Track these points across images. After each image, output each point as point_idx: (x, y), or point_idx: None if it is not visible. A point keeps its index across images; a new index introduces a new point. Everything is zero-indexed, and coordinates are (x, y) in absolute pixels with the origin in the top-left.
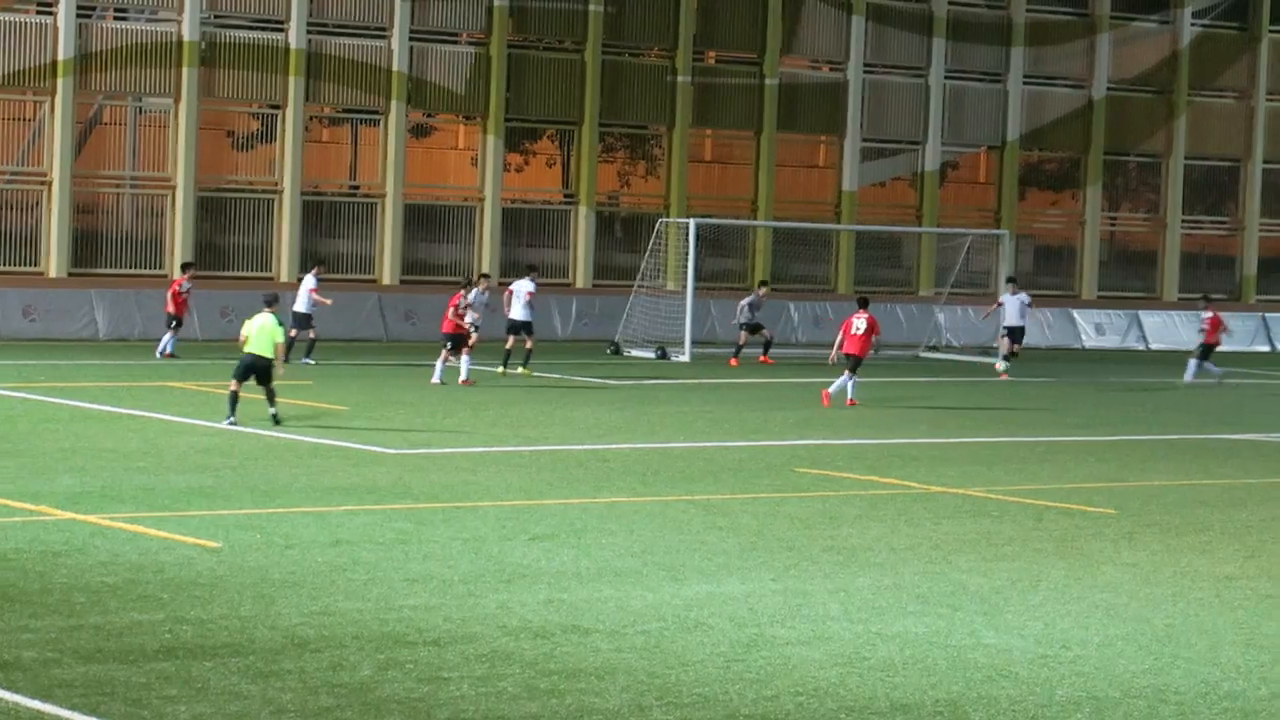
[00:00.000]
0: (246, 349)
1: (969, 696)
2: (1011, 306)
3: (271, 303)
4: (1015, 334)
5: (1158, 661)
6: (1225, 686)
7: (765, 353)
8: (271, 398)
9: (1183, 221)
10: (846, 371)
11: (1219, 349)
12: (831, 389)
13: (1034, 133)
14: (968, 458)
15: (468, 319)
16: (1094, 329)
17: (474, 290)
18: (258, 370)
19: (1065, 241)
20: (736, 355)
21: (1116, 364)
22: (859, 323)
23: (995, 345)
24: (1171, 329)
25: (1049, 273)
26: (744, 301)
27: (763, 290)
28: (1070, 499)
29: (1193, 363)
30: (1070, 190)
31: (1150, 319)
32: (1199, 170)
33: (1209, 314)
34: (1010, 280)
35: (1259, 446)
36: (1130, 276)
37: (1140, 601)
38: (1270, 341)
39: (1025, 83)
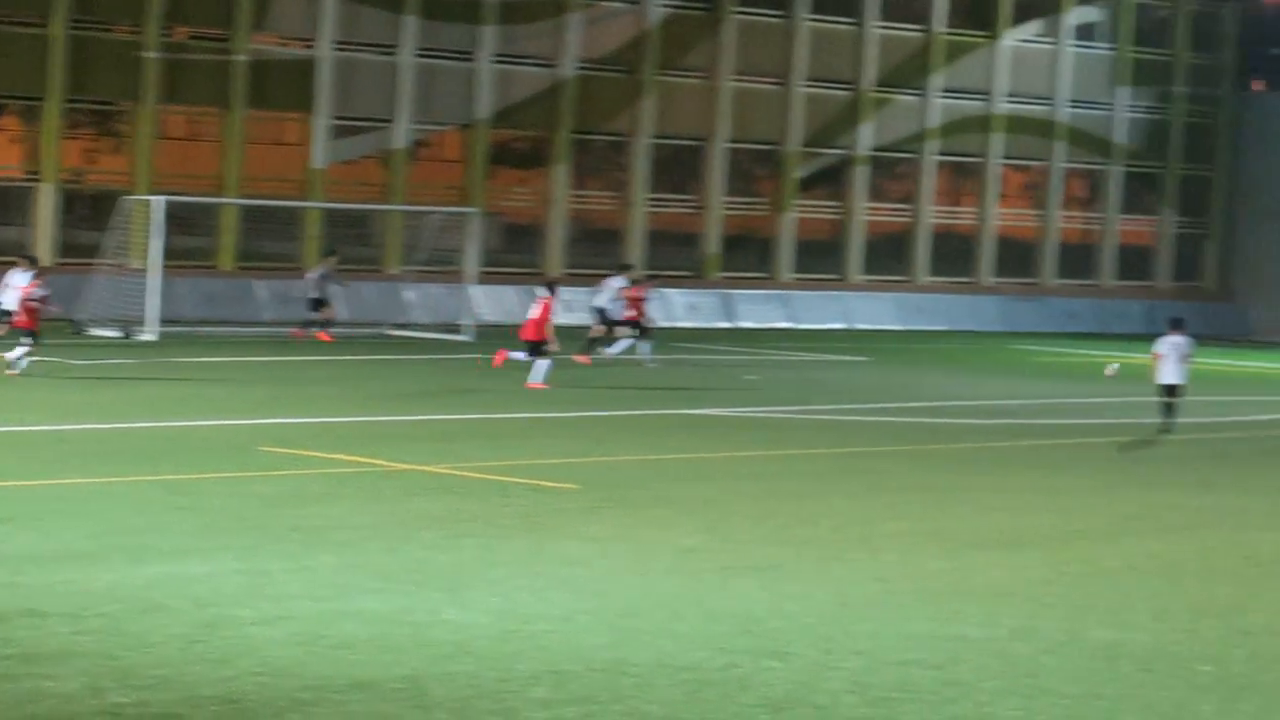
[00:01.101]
0: None
1: (430, 673)
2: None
3: None
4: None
5: (618, 635)
6: (684, 658)
7: (323, 329)
8: None
9: (648, 200)
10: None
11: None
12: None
13: (503, 111)
14: (434, 435)
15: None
16: (561, 305)
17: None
18: None
19: (534, 219)
20: (323, 329)
21: (579, 340)
22: (535, 308)
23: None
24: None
25: (517, 250)
26: (312, 275)
27: (331, 261)
28: (534, 475)
29: (626, 342)
30: (539, 168)
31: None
32: (665, 149)
33: (625, 286)
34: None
35: (720, 420)
36: (597, 254)
37: (601, 575)
38: (732, 317)
39: (495, 61)
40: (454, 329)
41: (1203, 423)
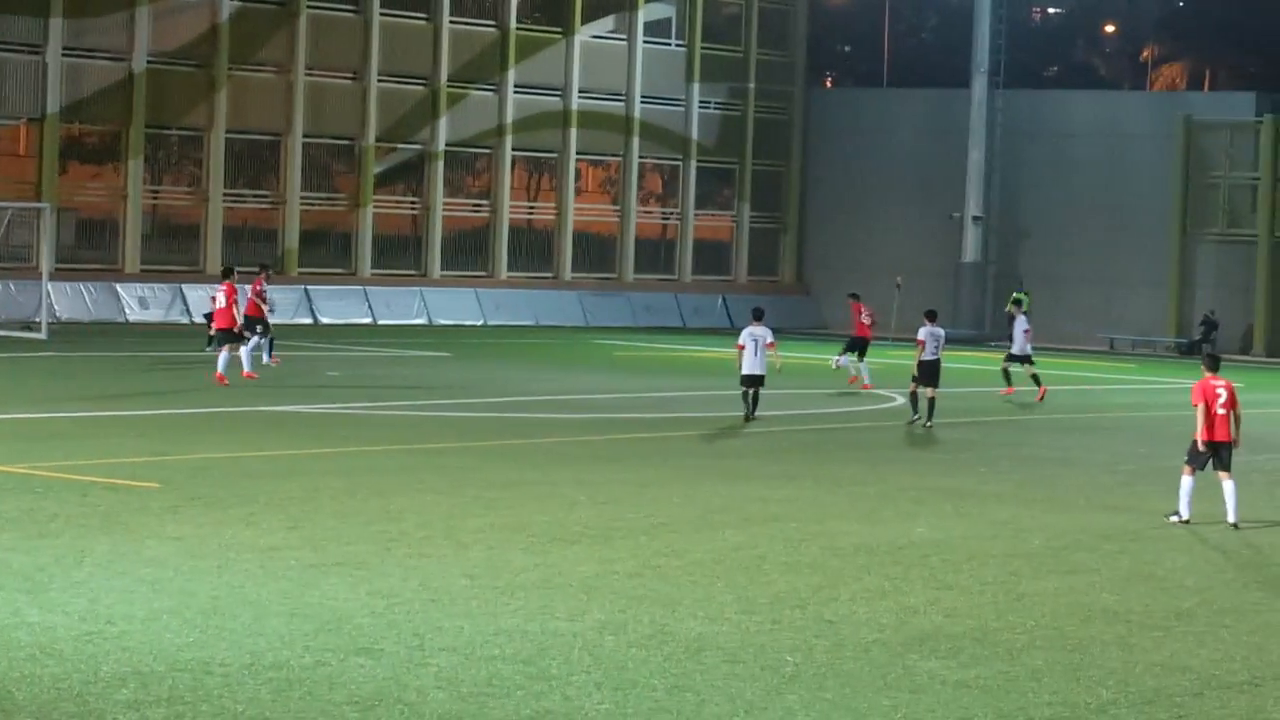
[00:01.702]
0: None
1: (12, 676)
2: None
3: None
4: None
5: (203, 634)
6: (270, 656)
7: None
8: None
9: (225, 195)
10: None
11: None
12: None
13: (75, 105)
14: (11, 434)
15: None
16: (138, 303)
17: None
18: None
19: (108, 215)
20: None
21: (159, 337)
22: (221, 297)
23: None
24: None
25: (92, 246)
26: None
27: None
28: (114, 474)
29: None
30: (113, 163)
31: (193, 292)
32: (240, 144)
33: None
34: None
35: (302, 417)
36: (174, 250)
37: (185, 575)
38: (313, 313)
39: (65, 54)
40: (29, 326)
41: (784, 415)
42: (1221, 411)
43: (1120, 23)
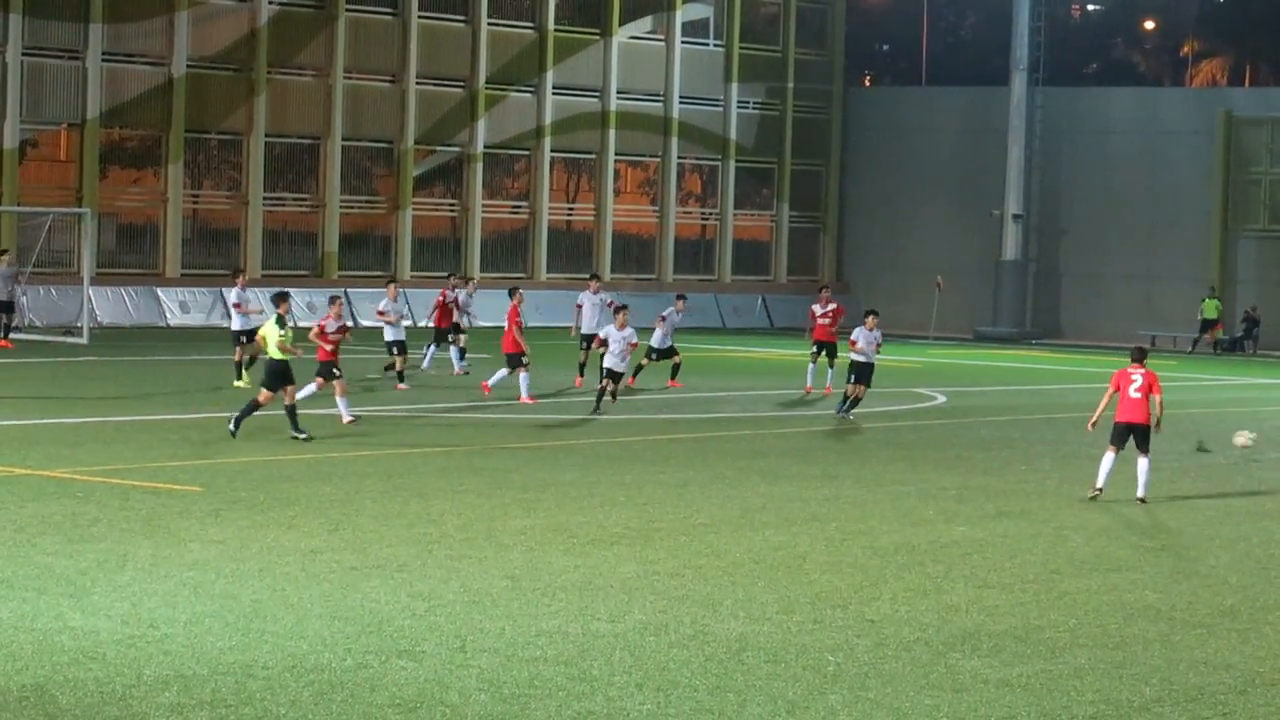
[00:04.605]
0: None
1: (56, 680)
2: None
3: None
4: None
5: (245, 637)
6: (312, 659)
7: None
8: None
9: (265, 198)
10: None
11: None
12: None
13: (114, 110)
14: (52, 439)
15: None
16: (179, 307)
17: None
18: None
19: (148, 219)
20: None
21: (201, 341)
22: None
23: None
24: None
25: (133, 250)
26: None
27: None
28: (156, 478)
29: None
30: (153, 168)
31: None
32: (280, 147)
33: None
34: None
35: (336, 419)
36: (214, 254)
37: (228, 578)
38: (353, 315)
39: (104, 59)
40: (70, 331)
41: (822, 414)
42: (1136, 395)
43: (1160, 18)
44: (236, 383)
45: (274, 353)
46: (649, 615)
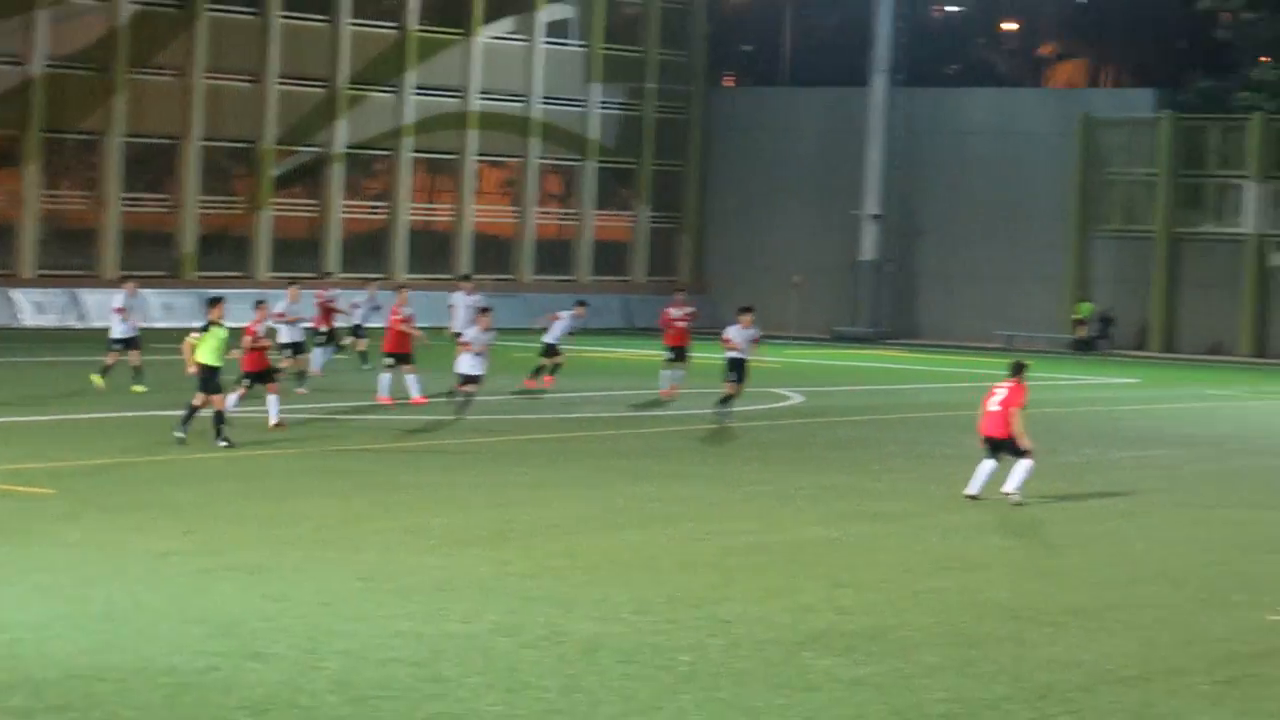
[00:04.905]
0: None
1: None
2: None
3: None
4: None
5: (97, 640)
6: (162, 662)
7: None
8: None
9: (123, 199)
10: None
11: None
12: None
13: None
14: None
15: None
16: (34, 307)
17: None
18: None
19: (4, 219)
20: None
21: (55, 342)
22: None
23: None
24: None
25: None
26: None
27: None
28: (8, 480)
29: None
30: (9, 168)
31: (89, 297)
32: (138, 147)
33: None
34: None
35: (201, 422)
36: (69, 254)
37: (80, 581)
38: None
39: None
40: None
41: (680, 414)
42: (995, 409)
43: (1021, 20)
44: (94, 377)
45: (206, 359)
46: (503, 616)
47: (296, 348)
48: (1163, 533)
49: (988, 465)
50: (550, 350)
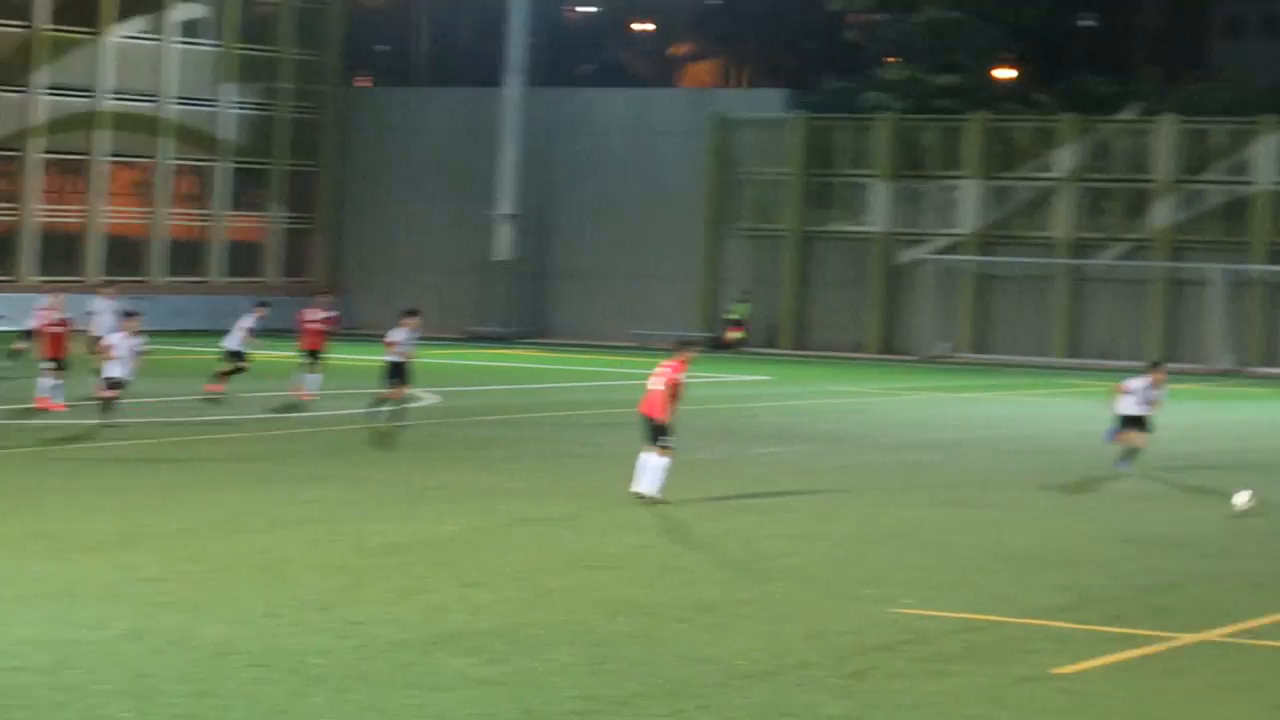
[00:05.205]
0: None
1: None
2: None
3: None
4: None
5: None
6: None
7: None
8: None
9: None
10: None
11: None
12: None
13: None
14: None
15: None
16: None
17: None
18: None
19: None
20: None
21: None
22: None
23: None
24: None
25: None
26: None
27: None
28: None
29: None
30: None
31: None
32: None
33: None
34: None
35: None
36: None
37: None
38: None
39: None
40: None
41: (313, 416)
42: (657, 387)
43: (655, 21)
44: None
45: None
46: (130, 622)
47: None
48: (795, 527)
49: (644, 459)
50: (235, 355)
